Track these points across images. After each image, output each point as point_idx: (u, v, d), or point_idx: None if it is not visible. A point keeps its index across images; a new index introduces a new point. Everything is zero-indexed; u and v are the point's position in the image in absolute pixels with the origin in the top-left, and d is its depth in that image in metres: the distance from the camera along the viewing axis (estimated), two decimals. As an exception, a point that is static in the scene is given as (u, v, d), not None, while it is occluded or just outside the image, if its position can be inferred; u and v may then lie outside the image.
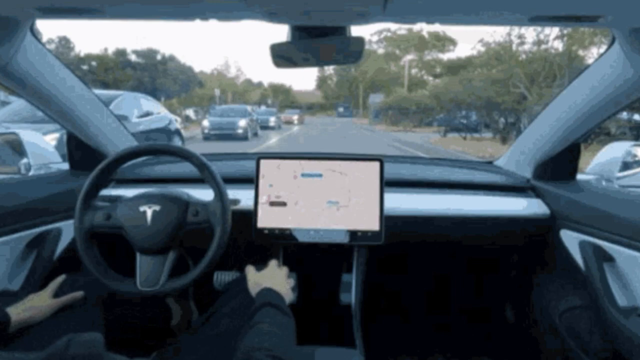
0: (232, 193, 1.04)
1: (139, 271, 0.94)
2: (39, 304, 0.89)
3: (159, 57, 33.95)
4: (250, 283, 0.93)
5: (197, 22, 0.81)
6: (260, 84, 62.06)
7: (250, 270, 0.98)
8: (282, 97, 58.01)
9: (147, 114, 6.31)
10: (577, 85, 1.10)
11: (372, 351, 1.13)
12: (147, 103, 6.52)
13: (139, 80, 29.67)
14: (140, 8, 0.76)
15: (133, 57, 32.77)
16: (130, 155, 1.02)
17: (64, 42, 31.11)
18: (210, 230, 0.96)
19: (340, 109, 47.85)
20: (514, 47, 13.47)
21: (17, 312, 0.85)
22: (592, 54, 11.35)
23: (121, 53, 32.11)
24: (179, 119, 11.98)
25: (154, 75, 31.74)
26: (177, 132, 7.22)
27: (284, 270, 0.98)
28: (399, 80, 39.58)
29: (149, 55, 33.27)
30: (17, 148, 1.43)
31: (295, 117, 29.03)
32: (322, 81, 58.90)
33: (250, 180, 1.19)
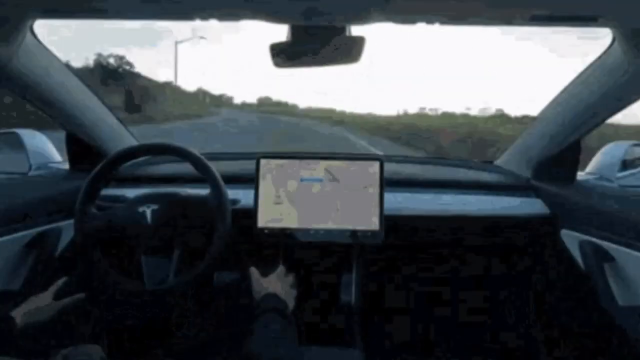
0: (232, 193, 1.04)
1: (146, 271, 0.94)
2: (40, 305, 0.90)
3: None
4: (255, 287, 0.93)
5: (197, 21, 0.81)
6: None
7: (254, 273, 0.98)
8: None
9: None
10: (577, 85, 1.10)
11: (372, 351, 1.13)
12: None
13: None
14: (140, 8, 0.76)
15: None
16: (130, 154, 1.02)
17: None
18: (210, 228, 0.96)
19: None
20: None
21: (20, 315, 0.85)
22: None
23: None
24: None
25: None
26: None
27: (289, 276, 0.99)
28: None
29: None
30: (17, 148, 1.42)
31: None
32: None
33: (251, 180, 1.18)
